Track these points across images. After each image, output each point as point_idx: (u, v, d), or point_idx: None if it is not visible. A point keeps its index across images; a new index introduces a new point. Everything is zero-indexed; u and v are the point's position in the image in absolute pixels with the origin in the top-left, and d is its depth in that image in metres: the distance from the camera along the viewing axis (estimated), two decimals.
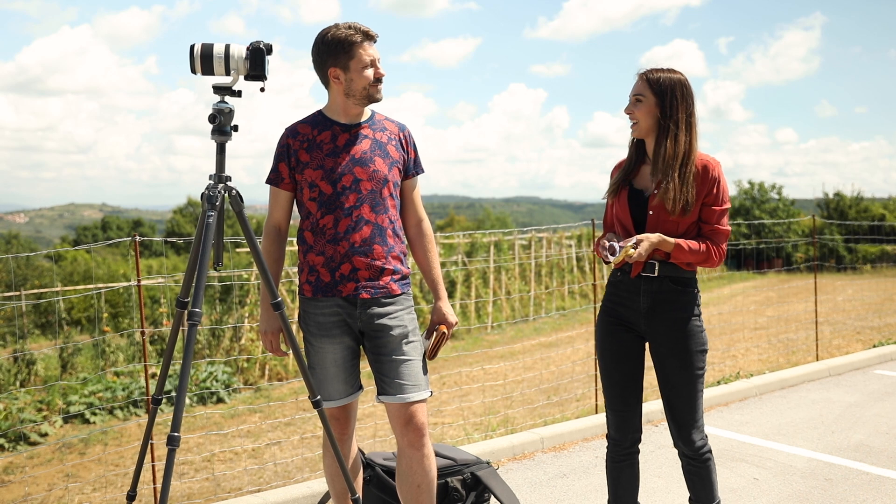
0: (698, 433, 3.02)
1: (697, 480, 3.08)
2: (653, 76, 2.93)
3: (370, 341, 3.04)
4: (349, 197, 2.96)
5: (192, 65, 2.73)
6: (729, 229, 2.99)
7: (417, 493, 3.05)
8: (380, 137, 3.06)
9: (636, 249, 2.81)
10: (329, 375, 3.05)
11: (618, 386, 3.08)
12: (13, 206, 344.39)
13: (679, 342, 2.96)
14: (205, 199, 2.74)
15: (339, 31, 2.94)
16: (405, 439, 3.02)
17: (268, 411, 7.95)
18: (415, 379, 3.02)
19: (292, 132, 3.04)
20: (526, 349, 11.41)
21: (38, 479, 6.02)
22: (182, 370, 2.52)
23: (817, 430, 5.40)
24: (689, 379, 2.97)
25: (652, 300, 2.97)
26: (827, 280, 18.84)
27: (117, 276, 22.26)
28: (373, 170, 2.99)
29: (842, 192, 28.80)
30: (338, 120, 3.04)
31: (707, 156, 2.96)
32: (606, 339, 3.10)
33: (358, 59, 2.94)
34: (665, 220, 2.90)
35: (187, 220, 57.60)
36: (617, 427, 3.12)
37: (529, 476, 4.69)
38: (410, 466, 3.04)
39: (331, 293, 3.00)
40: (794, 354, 8.47)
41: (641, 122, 2.94)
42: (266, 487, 4.80)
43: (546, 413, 6.46)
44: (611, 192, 3.06)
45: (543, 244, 17.87)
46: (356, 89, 2.97)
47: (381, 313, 3.00)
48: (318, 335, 3.04)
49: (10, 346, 11.42)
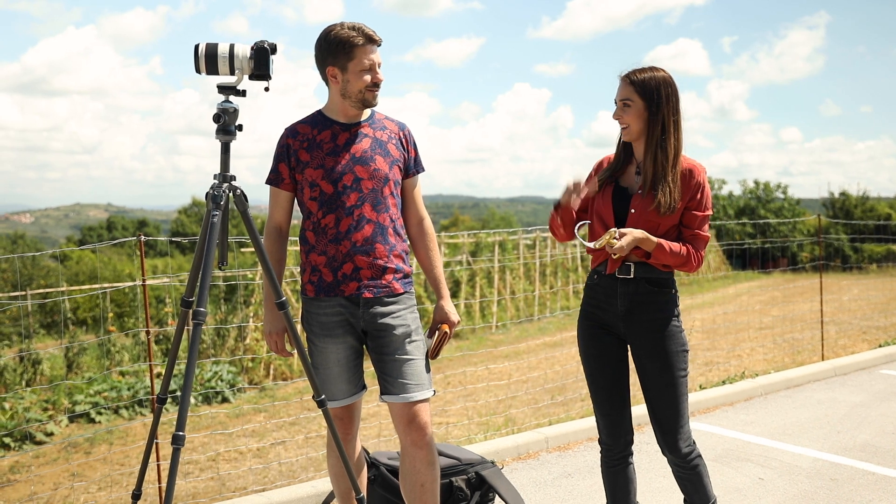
0: (684, 439, 2.97)
1: (689, 485, 3.05)
2: (637, 78, 2.89)
3: (373, 341, 3.04)
4: (350, 196, 2.96)
5: (196, 64, 2.73)
6: (709, 236, 2.97)
7: (421, 492, 3.05)
8: (380, 136, 3.06)
9: (619, 241, 2.78)
10: (332, 375, 3.05)
11: (604, 390, 3.06)
12: (19, 206, 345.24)
13: (658, 343, 2.93)
14: (209, 199, 2.74)
15: (342, 30, 2.93)
16: (408, 438, 3.02)
17: (272, 411, 7.96)
18: (418, 378, 3.02)
19: (292, 132, 3.04)
20: (530, 349, 11.40)
21: (44, 478, 6.04)
22: (187, 370, 2.52)
23: (823, 430, 5.38)
24: (671, 381, 2.94)
25: (629, 302, 2.95)
26: (832, 279, 18.79)
27: (122, 276, 22.31)
28: (373, 168, 2.99)
29: (847, 191, 28.73)
30: (337, 119, 3.04)
31: (692, 160, 2.95)
32: (588, 343, 3.08)
33: (357, 61, 2.92)
34: (646, 219, 2.88)
35: (192, 220, 57.68)
36: (608, 432, 3.10)
37: (534, 476, 4.68)
38: (414, 465, 3.03)
39: (333, 293, 3.00)
40: (799, 354, 8.45)
41: (632, 126, 2.91)
42: (271, 487, 4.81)
43: (550, 413, 6.46)
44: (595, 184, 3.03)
45: (548, 244, 17.85)
46: (352, 91, 2.97)
47: (384, 312, 3.00)
48: (320, 335, 3.04)
49: (16, 346, 11.45)
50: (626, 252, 2.81)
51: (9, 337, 12.98)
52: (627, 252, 2.83)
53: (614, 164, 3.04)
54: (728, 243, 22.70)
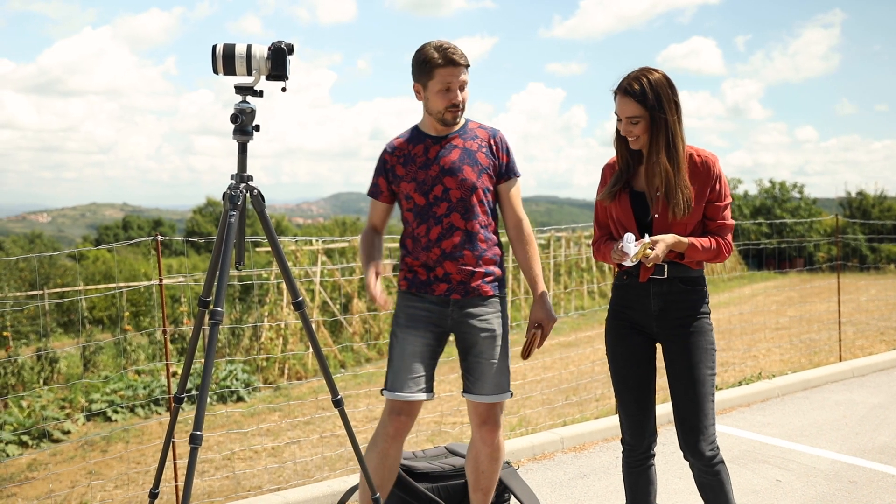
0: (707, 441, 2.91)
1: (710, 493, 2.98)
2: (634, 89, 2.84)
3: (460, 341, 3.20)
4: (440, 206, 3.10)
5: (214, 65, 2.74)
6: (733, 222, 2.97)
7: (480, 476, 3.31)
8: (470, 146, 3.16)
9: (653, 251, 2.77)
10: (403, 367, 3.14)
11: (630, 390, 3.05)
12: (36, 205, 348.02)
13: (689, 340, 2.93)
14: (227, 199, 2.75)
15: (428, 50, 3.04)
16: (479, 434, 3.25)
17: (287, 410, 7.98)
18: (496, 380, 3.18)
19: (390, 147, 3.21)
20: (545, 349, 11.38)
21: (62, 476, 6.08)
22: (204, 369, 2.53)
23: (841, 432, 5.34)
24: (699, 377, 2.92)
25: (663, 302, 2.94)
26: (850, 280, 18.65)
27: (138, 276, 22.44)
28: (461, 178, 3.10)
29: (864, 190, 28.49)
30: (429, 133, 3.18)
31: (704, 150, 2.92)
32: (617, 343, 3.07)
33: (436, 80, 3.03)
34: (673, 222, 2.87)
35: (207, 220, 57.95)
36: (632, 431, 3.08)
37: (549, 476, 4.67)
38: (479, 457, 3.28)
39: (424, 290, 3.15)
40: (816, 355, 8.39)
41: (642, 137, 2.89)
42: (286, 486, 4.82)
43: (565, 413, 6.44)
44: (607, 195, 3.00)
45: (562, 244, 17.81)
46: (432, 109, 3.10)
47: (472, 314, 3.14)
48: (404, 326, 3.17)
49: (34, 345, 11.52)
50: (660, 260, 2.81)
51: (26, 336, 13.08)
52: (661, 259, 2.83)
53: (624, 170, 3.01)
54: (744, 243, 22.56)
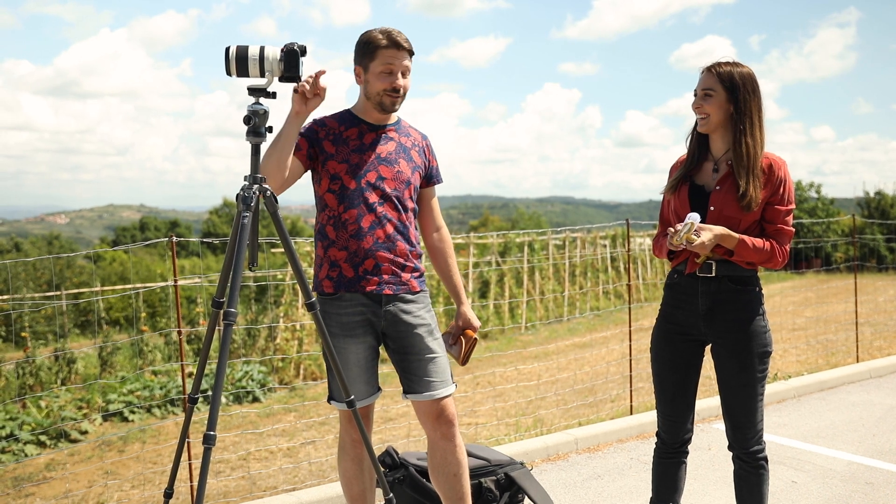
0: (755, 438, 2.94)
1: (745, 487, 3.00)
2: (722, 70, 2.85)
3: (394, 341, 3.08)
4: (372, 194, 3.02)
5: (227, 67, 2.75)
6: (793, 230, 2.90)
7: (455, 481, 3.11)
8: (404, 142, 3.13)
9: (699, 237, 2.73)
10: (352, 376, 3.07)
11: (669, 393, 3.06)
12: (54, 207, 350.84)
13: (740, 343, 2.88)
14: (240, 200, 2.75)
15: (372, 32, 3.00)
16: (437, 433, 3.09)
17: (302, 410, 8.00)
18: (442, 375, 3.09)
19: (320, 122, 3.10)
20: (560, 350, 11.35)
21: (79, 475, 6.12)
22: (218, 369, 2.54)
23: (858, 433, 5.29)
24: (749, 381, 2.89)
25: (711, 301, 2.90)
26: (867, 280, 18.48)
27: (154, 276, 22.58)
28: (397, 170, 3.06)
29: (883, 190, 28.20)
30: (364, 119, 3.10)
31: (771, 154, 2.89)
32: (662, 346, 3.06)
33: (378, 61, 2.98)
34: (727, 216, 2.84)
35: (223, 221, 58.20)
36: (666, 429, 3.11)
37: (563, 477, 4.66)
38: (445, 458, 3.10)
39: (354, 289, 3.03)
40: (833, 356, 8.32)
41: (713, 116, 2.87)
42: (301, 486, 4.83)
43: (580, 414, 6.42)
44: (669, 188, 3.01)
45: (578, 244, 17.76)
46: (371, 92, 3.03)
47: (405, 310, 3.06)
48: (340, 335, 3.05)
49: (52, 345, 11.62)
50: (707, 250, 2.75)
51: (44, 336, 13.19)
52: (709, 250, 2.77)
53: (688, 163, 3.00)
54: None
